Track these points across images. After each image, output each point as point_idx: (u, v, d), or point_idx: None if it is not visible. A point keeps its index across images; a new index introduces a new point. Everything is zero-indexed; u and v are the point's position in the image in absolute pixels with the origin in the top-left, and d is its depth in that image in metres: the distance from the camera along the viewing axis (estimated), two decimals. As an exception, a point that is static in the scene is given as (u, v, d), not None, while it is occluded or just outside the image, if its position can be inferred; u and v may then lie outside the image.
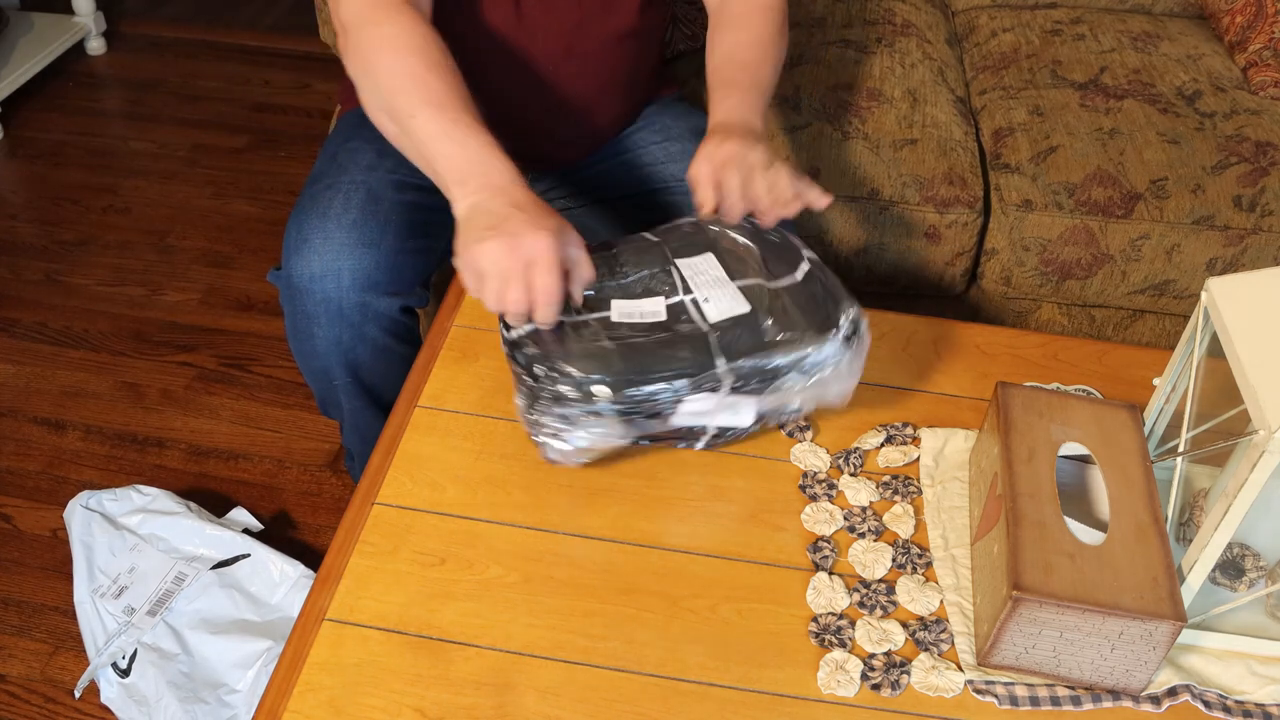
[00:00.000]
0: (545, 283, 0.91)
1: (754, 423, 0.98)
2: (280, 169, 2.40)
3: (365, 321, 1.18)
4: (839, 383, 0.96)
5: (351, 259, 1.15)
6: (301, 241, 1.16)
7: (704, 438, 1.00)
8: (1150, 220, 1.54)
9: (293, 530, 1.63)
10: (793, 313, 0.96)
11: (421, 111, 1.01)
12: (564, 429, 0.92)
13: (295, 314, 1.19)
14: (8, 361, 1.90)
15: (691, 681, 0.86)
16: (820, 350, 0.94)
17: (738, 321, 0.96)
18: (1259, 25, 1.76)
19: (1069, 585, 0.81)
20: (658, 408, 0.93)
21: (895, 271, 1.62)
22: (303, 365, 1.26)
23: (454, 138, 0.99)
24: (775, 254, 1.03)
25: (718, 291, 0.99)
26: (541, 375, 0.92)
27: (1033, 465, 0.90)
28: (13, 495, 1.67)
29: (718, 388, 0.93)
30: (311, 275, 1.15)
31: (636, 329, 0.97)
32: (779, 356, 0.94)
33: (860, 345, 0.96)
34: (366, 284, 1.16)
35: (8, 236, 2.18)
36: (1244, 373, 0.82)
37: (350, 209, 1.17)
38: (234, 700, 1.31)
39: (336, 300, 1.16)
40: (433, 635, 0.88)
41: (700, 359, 0.93)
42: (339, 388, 1.26)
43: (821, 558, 0.95)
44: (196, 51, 2.81)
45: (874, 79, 1.71)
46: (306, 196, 1.21)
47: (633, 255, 1.03)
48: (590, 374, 0.91)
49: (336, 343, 1.19)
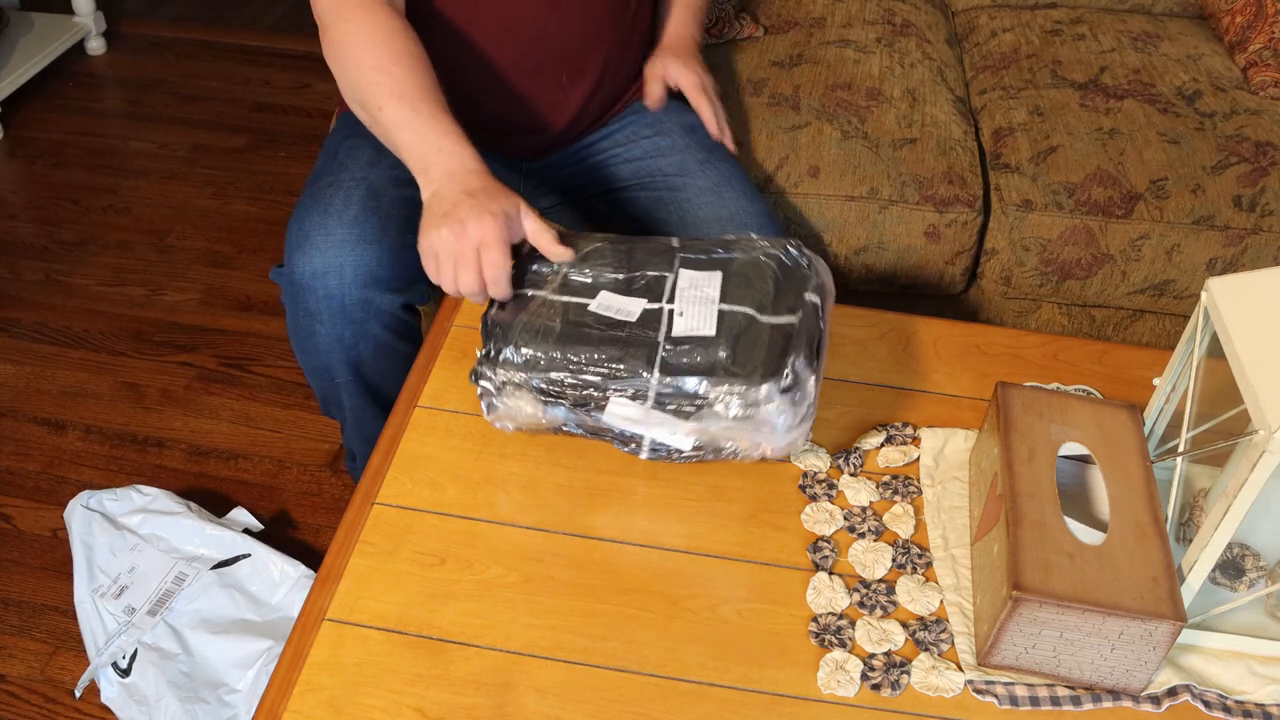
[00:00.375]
0: (492, 261, 0.99)
1: (692, 449, 0.97)
2: (280, 169, 2.40)
3: (367, 318, 1.18)
4: (775, 435, 0.94)
5: (353, 255, 1.15)
6: (303, 238, 1.16)
7: (643, 448, 0.98)
8: (1150, 220, 1.54)
9: (293, 530, 1.63)
10: (757, 350, 0.94)
11: (387, 103, 1.07)
12: (493, 392, 0.98)
13: (297, 311, 1.19)
14: (8, 361, 1.90)
15: (691, 681, 0.86)
16: (753, 392, 0.92)
17: (696, 342, 0.95)
18: (1259, 25, 1.76)
19: (1069, 585, 0.81)
20: (582, 399, 0.96)
21: (895, 271, 1.62)
22: (304, 363, 1.26)
23: (414, 127, 1.06)
24: (792, 290, 1.01)
25: (695, 309, 0.99)
26: (488, 334, 0.99)
27: (1033, 465, 0.90)
28: (13, 495, 1.67)
29: (643, 398, 0.94)
30: (313, 271, 1.15)
31: (601, 321, 0.98)
32: (705, 385, 0.93)
33: (801, 400, 0.93)
34: (368, 280, 1.16)
35: (8, 236, 2.18)
36: (1244, 373, 0.82)
37: (351, 205, 1.17)
38: (234, 700, 1.31)
39: (339, 296, 1.16)
40: (433, 635, 0.88)
41: (636, 366, 0.94)
42: (340, 385, 1.26)
43: (821, 558, 0.95)
44: (196, 51, 2.81)
45: (874, 79, 1.71)
46: (308, 194, 1.21)
47: (645, 255, 1.04)
48: (521, 347, 0.96)
49: (338, 340, 1.19)
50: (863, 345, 1.17)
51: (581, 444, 1.04)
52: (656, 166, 1.36)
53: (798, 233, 1.58)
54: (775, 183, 1.58)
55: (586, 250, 1.05)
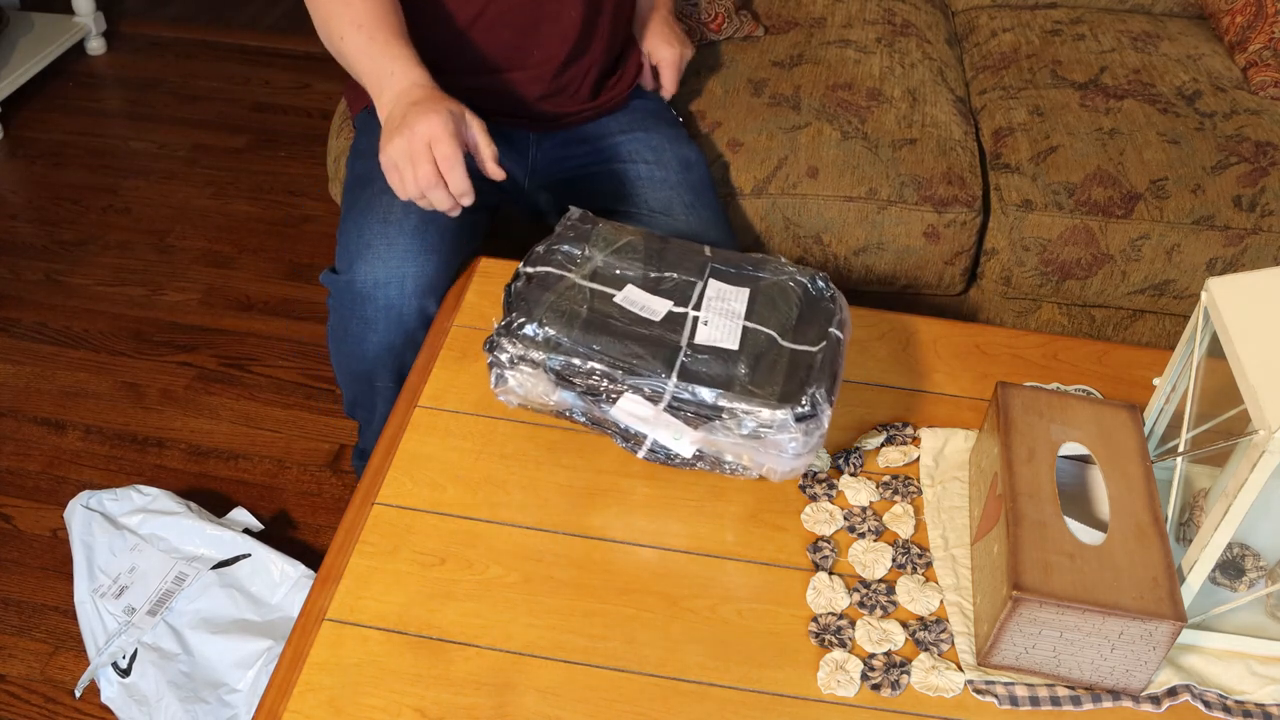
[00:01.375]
0: (444, 152, 1.03)
1: (693, 456, 0.97)
2: (280, 169, 2.40)
3: (419, 327, 1.20)
4: (784, 458, 0.94)
5: (415, 265, 1.17)
6: (364, 246, 1.17)
7: (644, 447, 0.98)
8: (1150, 220, 1.54)
9: (293, 530, 1.63)
10: (776, 373, 0.95)
11: (347, 32, 1.13)
12: (505, 365, 0.97)
13: (350, 318, 1.20)
14: (8, 361, 1.90)
15: (691, 681, 0.86)
16: (767, 414, 0.92)
17: (717, 353, 0.96)
18: (1259, 25, 1.76)
19: (1069, 585, 0.81)
20: (595, 389, 0.95)
21: (895, 271, 1.62)
22: (344, 367, 1.26)
23: (370, 54, 1.12)
24: (817, 320, 1.01)
25: (721, 320, 0.99)
26: (510, 305, 0.99)
27: (1033, 465, 0.90)
28: (13, 495, 1.67)
29: (658, 400, 0.94)
30: (375, 281, 1.16)
31: (625, 315, 0.98)
32: (722, 399, 0.93)
33: (814, 430, 0.93)
34: (427, 289, 1.18)
35: (8, 236, 2.18)
36: (1244, 373, 0.82)
37: (411, 214, 1.19)
38: (234, 700, 1.31)
39: (399, 306, 1.17)
40: (433, 635, 0.88)
41: (655, 367, 0.94)
42: (379, 390, 1.27)
43: (821, 558, 0.95)
44: (196, 51, 2.81)
45: (874, 79, 1.71)
46: (362, 200, 1.22)
47: (677, 256, 1.05)
48: (545, 325, 0.96)
49: (389, 348, 1.20)
50: (863, 345, 1.17)
51: (582, 444, 1.04)
52: (643, 195, 1.38)
53: (797, 233, 1.59)
54: (775, 183, 1.58)
55: (619, 243, 1.06)
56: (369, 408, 1.32)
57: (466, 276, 1.23)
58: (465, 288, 1.21)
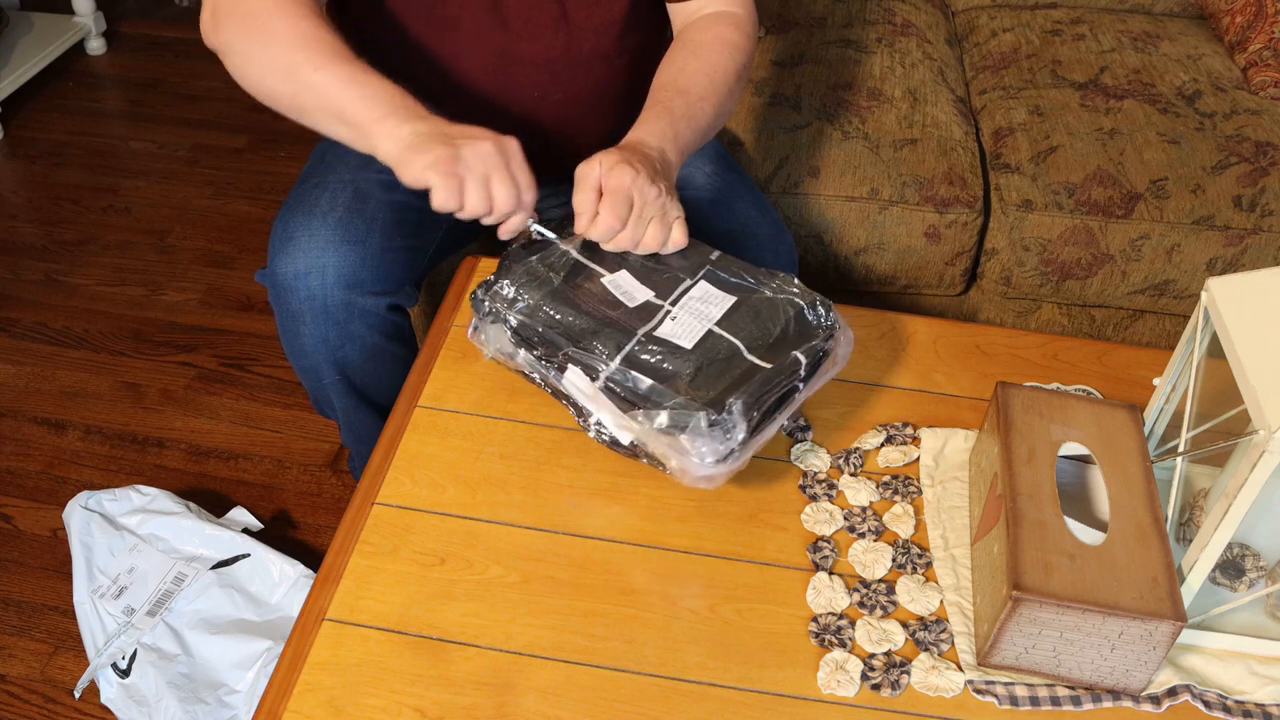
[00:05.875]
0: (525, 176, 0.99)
1: (629, 443, 0.95)
2: (280, 169, 2.40)
3: (351, 319, 1.18)
4: (690, 461, 0.91)
5: (336, 256, 1.15)
6: (286, 239, 1.16)
7: (591, 427, 0.97)
8: (1150, 220, 1.54)
9: (293, 530, 1.63)
10: (722, 380, 0.93)
11: (329, 64, 1.02)
12: (482, 318, 1.01)
13: (282, 312, 1.19)
14: (8, 361, 1.90)
15: (691, 681, 0.86)
16: (684, 414, 0.90)
17: (670, 349, 0.95)
18: (1259, 25, 1.76)
19: (1069, 585, 0.81)
20: (549, 352, 0.98)
21: (895, 271, 1.62)
22: (294, 364, 1.25)
23: (362, 83, 1.02)
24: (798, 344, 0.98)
25: (689, 320, 0.99)
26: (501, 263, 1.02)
27: (1033, 465, 0.90)
28: (13, 495, 1.67)
29: (595, 377, 0.95)
30: (295, 272, 1.15)
31: (604, 295, 1.00)
32: (654, 390, 0.92)
33: (725, 439, 0.90)
34: (351, 281, 1.16)
35: (8, 236, 2.18)
36: (1244, 373, 0.82)
37: (336, 207, 1.17)
38: (234, 700, 1.31)
39: (321, 298, 1.15)
40: (433, 635, 0.88)
41: (604, 345, 0.96)
42: (329, 386, 1.25)
43: (821, 558, 0.95)
44: (196, 51, 2.80)
45: (874, 79, 1.71)
46: (293, 196, 1.21)
47: (683, 253, 1.05)
48: (516, 285, 1.00)
49: (323, 341, 1.19)
50: (863, 345, 1.17)
51: (582, 444, 1.04)
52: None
53: (798, 233, 1.58)
54: (775, 183, 1.58)
55: None
56: (330, 405, 1.31)
57: (466, 276, 1.23)
58: (465, 287, 1.21)
